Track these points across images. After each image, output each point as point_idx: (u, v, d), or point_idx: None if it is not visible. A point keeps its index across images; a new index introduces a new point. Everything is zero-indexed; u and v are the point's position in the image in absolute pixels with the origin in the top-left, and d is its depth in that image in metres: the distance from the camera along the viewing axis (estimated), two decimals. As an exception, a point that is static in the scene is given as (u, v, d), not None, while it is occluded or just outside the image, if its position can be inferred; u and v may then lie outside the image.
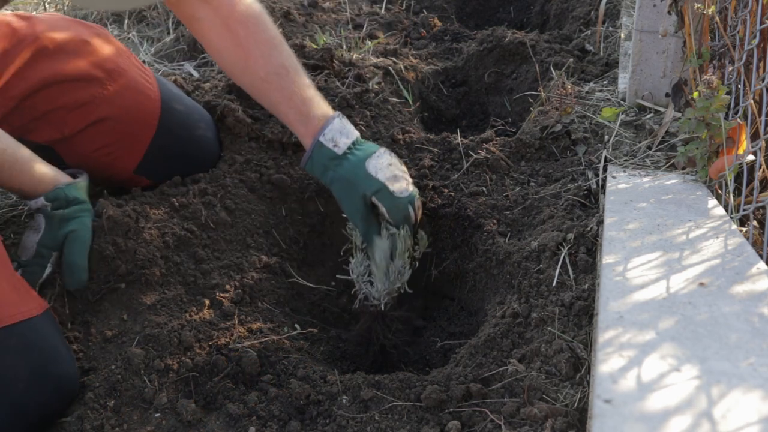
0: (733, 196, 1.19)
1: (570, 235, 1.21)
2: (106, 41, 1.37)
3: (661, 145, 1.44)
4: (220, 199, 1.37)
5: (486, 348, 1.08)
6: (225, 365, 1.07)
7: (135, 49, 2.18)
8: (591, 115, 1.59)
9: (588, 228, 1.22)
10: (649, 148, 1.44)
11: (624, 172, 1.34)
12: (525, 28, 2.60)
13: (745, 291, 0.90)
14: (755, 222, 1.17)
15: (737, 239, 1.03)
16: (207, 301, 1.19)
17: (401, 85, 1.89)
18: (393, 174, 1.23)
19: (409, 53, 2.14)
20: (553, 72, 1.87)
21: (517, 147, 1.55)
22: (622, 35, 1.97)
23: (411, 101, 1.85)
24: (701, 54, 1.34)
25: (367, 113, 1.61)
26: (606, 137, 1.50)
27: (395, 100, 1.75)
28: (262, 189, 1.45)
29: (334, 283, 1.43)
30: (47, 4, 2.50)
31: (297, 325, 1.24)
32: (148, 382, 1.03)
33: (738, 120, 1.18)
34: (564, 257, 1.18)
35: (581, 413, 0.90)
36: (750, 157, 1.12)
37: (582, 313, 1.06)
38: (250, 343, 1.11)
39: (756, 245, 1.08)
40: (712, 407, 0.70)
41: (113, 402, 1.00)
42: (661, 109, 1.56)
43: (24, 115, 1.26)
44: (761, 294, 0.89)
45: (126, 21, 2.39)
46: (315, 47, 1.86)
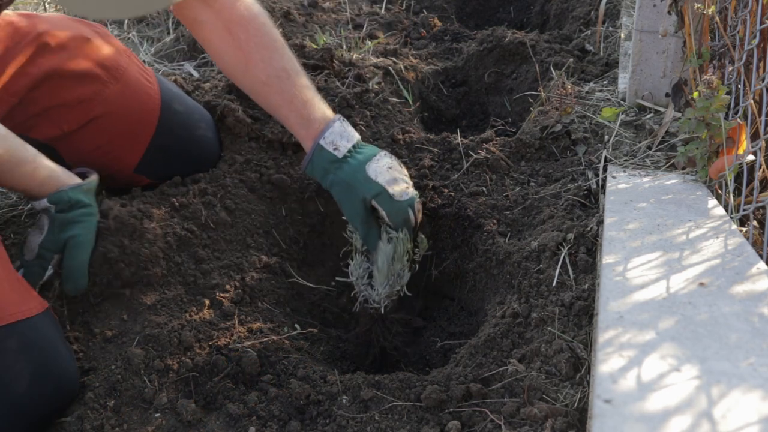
0: (733, 196, 1.19)
1: (570, 235, 1.21)
2: (106, 40, 1.38)
3: (661, 145, 1.44)
4: (220, 199, 1.37)
5: (486, 348, 1.08)
6: (225, 365, 1.07)
7: (135, 49, 2.18)
8: (591, 115, 1.59)
9: (588, 228, 1.22)
10: (649, 148, 1.44)
11: (624, 172, 1.34)
12: (525, 28, 2.60)
13: (745, 291, 0.90)
14: (755, 222, 1.17)
15: (737, 239, 1.03)
16: (207, 301, 1.19)
17: (401, 85, 1.89)
18: (393, 177, 1.24)
19: (409, 53, 2.14)
20: (553, 72, 1.87)
21: (517, 147, 1.55)
22: (622, 35, 1.97)
23: (411, 101, 1.85)
24: (701, 54, 1.34)
25: (367, 113, 1.61)
26: (606, 137, 1.50)
27: (395, 100, 1.75)
28: (262, 189, 1.45)
29: (334, 284, 1.43)
30: (47, 4, 2.50)
31: (297, 325, 1.24)
32: (148, 382, 1.03)
33: (738, 120, 1.18)
34: (564, 257, 1.18)
35: (581, 413, 0.90)
36: (750, 157, 1.12)
37: (582, 313, 1.06)
38: (250, 343, 1.11)
39: (756, 245, 1.08)
40: (712, 407, 0.70)
41: (113, 402, 1.00)
42: (661, 109, 1.56)
43: (25, 111, 1.27)
44: (761, 294, 0.89)
45: (126, 21, 2.39)
46: (315, 47, 1.86)
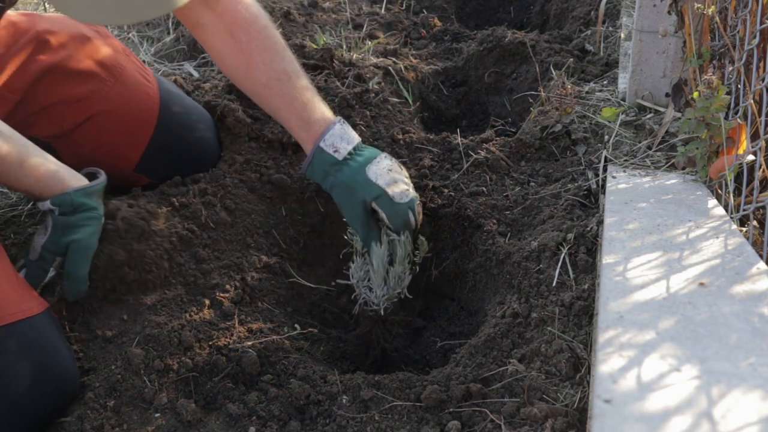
0: (733, 196, 1.19)
1: (570, 235, 1.21)
2: (106, 39, 1.38)
3: (661, 145, 1.44)
4: (220, 199, 1.37)
5: (486, 348, 1.08)
6: (225, 365, 1.07)
7: (135, 49, 2.18)
8: (591, 115, 1.59)
9: (588, 228, 1.22)
10: (649, 148, 1.44)
11: (624, 172, 1.34)
12: (525, 28, 2.60)
13: (745, 291, 0.90)
14: (755, 222, 1.17)
15: (737, 239, 1.03)
16: (207, 301, 1.19)
17: (401, 85, 1.89)
18: (393, 180, 1.24)
19: (409, 53, 2.14)
20: (553, 72, 1.87)
21: (517, 147, 1.55)
22: (622, 35, 1.97)
23: (411, 101, 1.85)
24: (701, 54, 1.34)
25: (367, 113, 1.61)
26: (606, 137, 1.50)
27: (395, 100, 1.75)
28: (262, 189, 1.45)
29: (334, 284, 1.43)
30: (47, 4, 2.50)
31: (297, 325, 1.24)
32: (148, 382, 1.03)
33: (738, 120, 1.18)
34: (564, 257, 1.18)
35: (581, 413, 0.90)
36: (750, 157, 1.12)
37: (582, 313, 1.06)
38: (250, 343, 1.11)
39: (756, 245, 1.08)
40: (712, 407, 0.70)
41: (113, 402, 1.00)
42: (661, 109, 1.56)
43: (26, 109, 1.27)
44: (761, 294, 0.89)
45: (126, 21, 2.39)
46: (315, 47, 1.86)
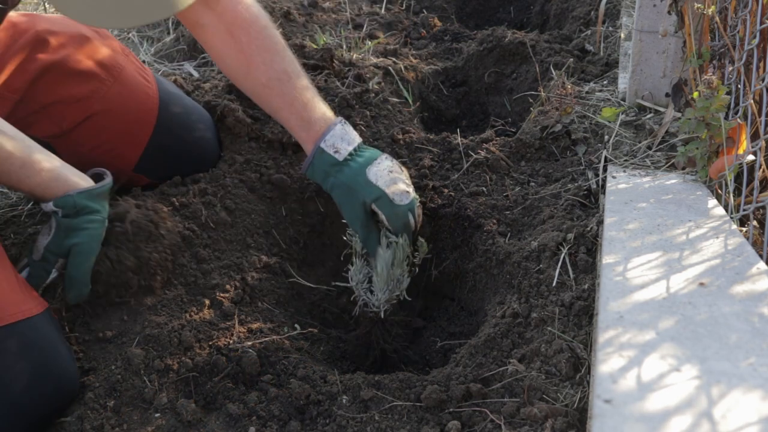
0: (733, 196, 1.19)
1: (570, 235, 1.21)
2: (105, 39, 1.38)
3: (661, 145, 1.44)
4: (220, 199, 1.37)
5: (486, 348, 1.08)
6: (225, 365, 1.07)
7: (135, 49, 2.18)
8: (591, 115, 1.59)
9: (588, 228, 1.22)
10: (649, 148, 1.44)
11: (624, 172, 1.34)
12: (525, 28, 2.60)
13: (745, 291, 0.90)
14: (755, 222, 1.17)
15: (737, 239, 1.03)
16: (207, 301, 1.19)
17: (401, 85, 1.89)
18: (393, 181, 1.23)
19: (409, 53, 2.14)
20: (553, 72, 1.87)
21: (517, 147, 1.55)
22: (622, 35, 1.97)
23: (411, 101, 1.85)
24: (701, 54, 1.34)
25: (367, 113, 1.61)
26: (606, 137, 1.50)
27: (395, 100, 1.75)
28: (262, 189, 1.45)
29: (334, 284, 1.43)
30: (47, 4, 2.50)
31: (297, 325, 1.24)
32: (148, 382, 1.03)
33: (738, 120, 1.18)
34: (564, 257, 1.18)
35: (581, 413, 0.90)
36: (750, 157, 1.12)
37: (582, 313, 1.06)
38: (250, 343, 1.11)
39: (756, 245, 1.08)
40: (712, 407, 0.70)
41: (113, 402, 1.00)
42: (661, 109, 1.56)
43: (26, 108, 1.27)
44: (761, 294, 0.89)
45: (126, 21, 2.39)
46: (315, 47, 1.86)
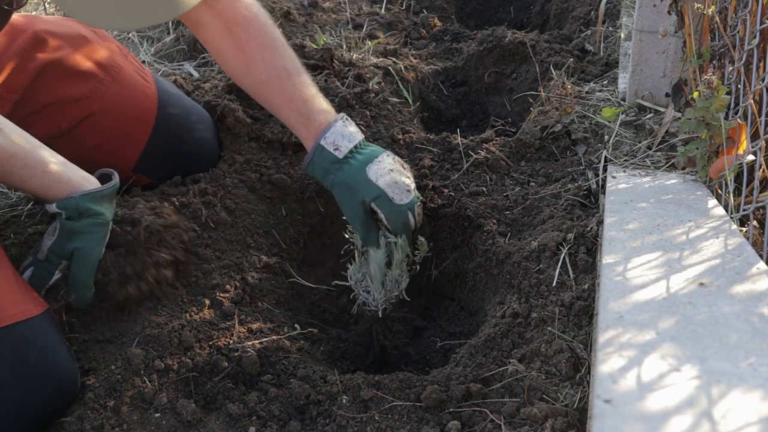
0: (733, 196, 1.19)
1: (570, 235, 1.21)
2: (104, 39, 1.38)
3: (661, 145, 1.44)
4: (220, 199, 1.37)
5: (486, 348, 1.08)
6: (225, 365, 1.07)
7: (135, 49, 2.18)
8: (591, 115, 1.59)
9: (588, 228, 1.22)
10: (649, 148, 1.44)
11: (624, 172, 1.34)
12: (525, 28, 2.60)
13: (745, 291, 0.90)
14: (755, 222, 1.17)
15: (737, 239, 1.03)
16: (207, 301, 1.19)
17: (401, 85, 1.89)
18: (394, 180, 1.22)
19: (409, 53, 2.14)
20: (553, 72, 1.87)
21: (517, 147, 1.55)
22: (622, 35, 1.97)
23: (411, 101, 1.85)
24: (701, 54, 1.34)
25: (367, 113, 1.61)
26: (606, 137, 1.50)
27: (395, 100, 1.75)
28: (262, 189, 1.45)
29: (334, 284, 1.43)
30: (47, 4, 2.50)
31: (297, 325, 1.24)
32: (148, 382, 1.03)
33: (738, 120, 1.18)
34: (564, 257, 1.18)
35: (581, 413, 0.90)
36: (750, 157, 1.12)
37: (582, 313, 1.06)
38: (250, 343, 1.11)
39: (756, 245, 1.08)
40: (712, 407, 0.70)
41: (113, 402, 1.00)
42: (661, 109, 1.56)
43: (25, 108, 1.27)
44: (761, 294, 0.89)
45: (126, 21, 2.39)
46: (315, 47, 1.86)
